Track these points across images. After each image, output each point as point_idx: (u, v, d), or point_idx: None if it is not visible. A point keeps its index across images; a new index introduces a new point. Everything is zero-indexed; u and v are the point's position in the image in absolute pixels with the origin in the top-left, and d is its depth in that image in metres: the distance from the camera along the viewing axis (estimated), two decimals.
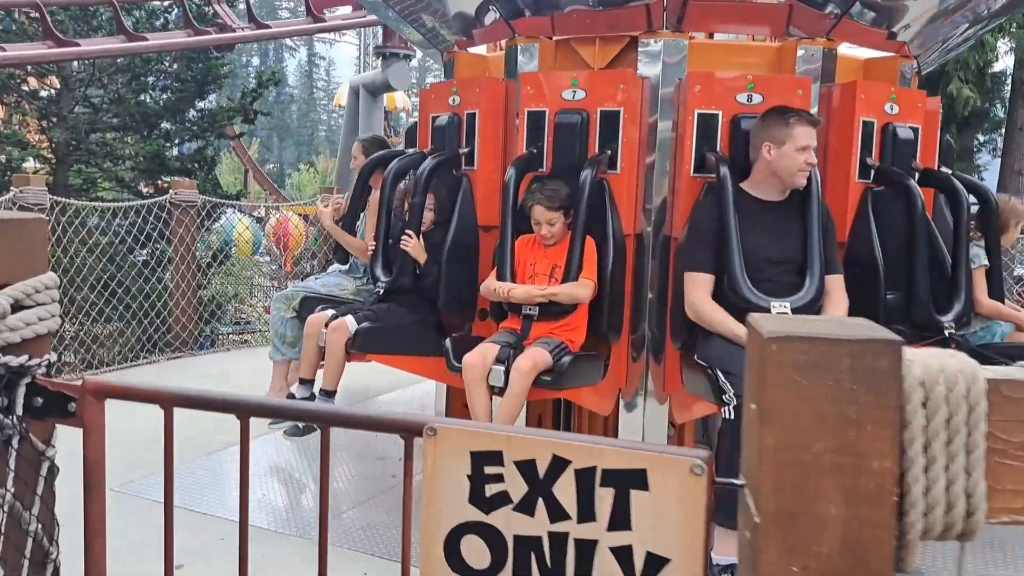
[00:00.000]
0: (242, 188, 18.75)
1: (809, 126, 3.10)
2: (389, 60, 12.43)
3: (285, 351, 4.58)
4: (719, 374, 2.93)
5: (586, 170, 3.39)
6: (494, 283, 3.43)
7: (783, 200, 3.24)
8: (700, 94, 3.42)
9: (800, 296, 3.08)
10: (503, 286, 3.36)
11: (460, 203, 3.87)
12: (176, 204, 6.63)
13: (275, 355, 4.63)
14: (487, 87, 3.86)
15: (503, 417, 3.14)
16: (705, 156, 3.41)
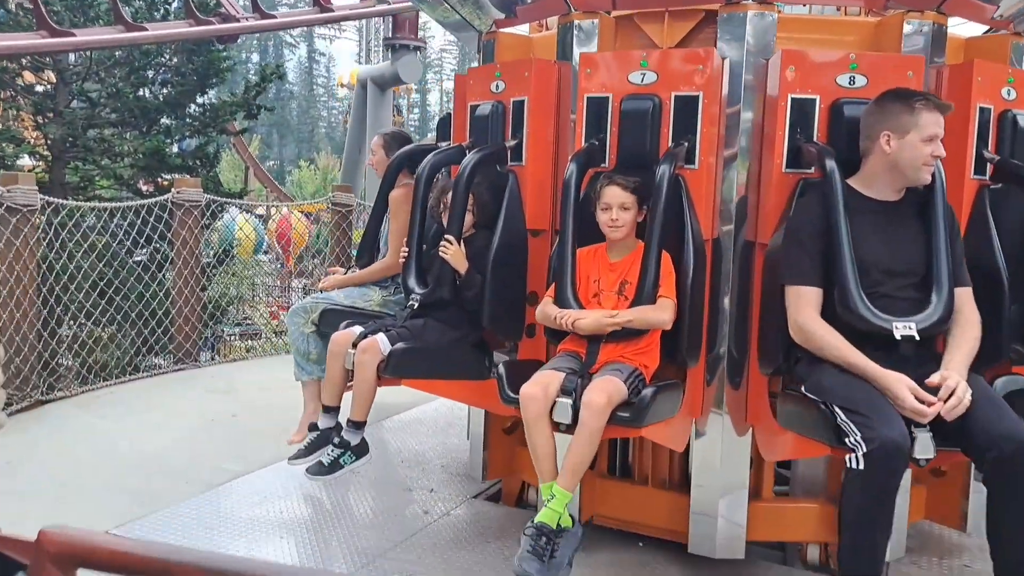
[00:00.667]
0: (243, 186, 18.27)
1: (937, 112, 2.60)
2: (399, 52, 11.92)
3: (311, 370, 4.09)
4: (838, 412, 2.44)
5: (663, 165, 2.89)
6: (553, 309, 2.92)
7: (899, 200, 2.74)
8: (794, 76, 2.93)
9: (927, 315, 2.58)
10: (566, 315, 2.85)
11: (507, 203, 3.37)
12: (179, 204, 6.13)
13: (301, 375, 4.14)
14: (539, 70, 3.37)
15: (575, 466, 2.65)
16: (801, 148, 2.91)
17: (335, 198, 7.25)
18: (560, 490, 2.68)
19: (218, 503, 3.91)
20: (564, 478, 2.68)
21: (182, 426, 5.05)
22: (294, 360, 4.16)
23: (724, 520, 3.25)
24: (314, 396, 4.14)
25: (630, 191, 2.91)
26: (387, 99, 12.85)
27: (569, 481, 2.68)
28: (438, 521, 3.78)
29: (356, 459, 3.35)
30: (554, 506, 2.67)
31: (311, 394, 4.15)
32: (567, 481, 2.68)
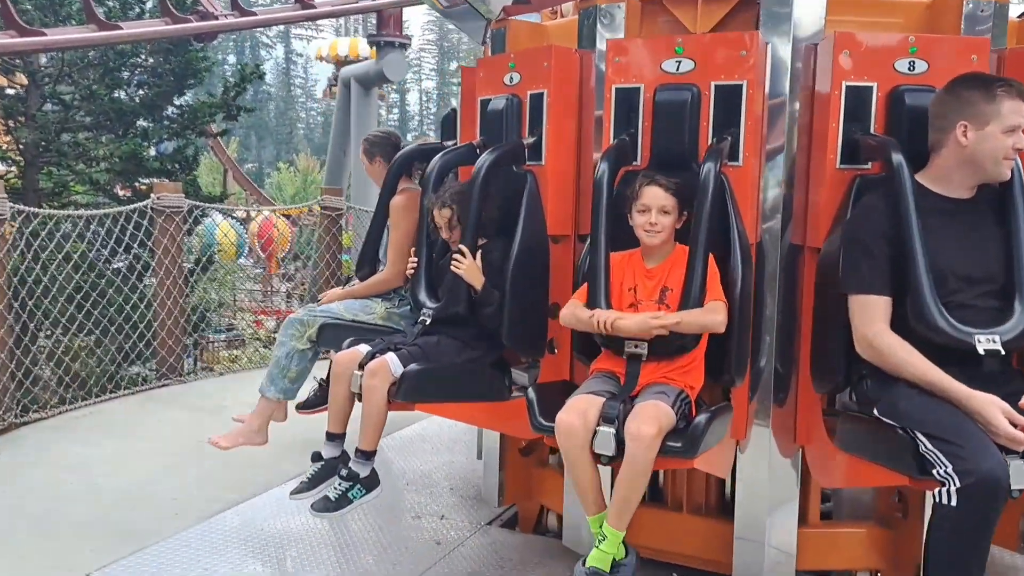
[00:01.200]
0: (222, 189, 17.82)
1: (1020, 100, 2.32)
2: (384, 50, 11.57)
3: (282, 388, 3.76)
4: (922, 439, 2.15)
5: (708, 163, 2.60)
6: (584, 312, 2.62)
7: (973, 198, 2.46)
8: (849, 62, 2.64)
9: (1011, 326, 2.30)
10: (603, 315, 2.54)
11: (526, 207, 3.07)
12: (159, 210, 5.76)
13: (268, 389, 3.79)
14: (559, 59, 3.06)
15: (625, 503, 2.37)
16: (858, 142, 2.63)
17: (324, 202, 6.90)
18: (611, 530, 2.40)
19: (211, 537, 3.59)
20: (614, 517, 2.40)
21: (169, 451, 4.70)
22: (268, 371, 3.83)
23: (771, 547, 2.97)
24: (265, 416, 3.81)
25: (671, 193, 2.61)
26: (372, 99, 12.48)
27: (620, 520, 2.40)
28: (453, 552, 3.47)
29: (366, 493, 3.03)
30: (606, 548, 2.39)
31: (263, 412, 3.81)
32: (618, 520, 2.40)
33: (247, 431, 3.87)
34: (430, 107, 77.53)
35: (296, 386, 3.89)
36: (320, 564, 3.34)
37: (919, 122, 2.58)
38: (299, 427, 4.09)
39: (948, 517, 2.02)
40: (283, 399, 3.90)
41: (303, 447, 4.60)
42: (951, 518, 2.02)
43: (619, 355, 2.61)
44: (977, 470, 1.98)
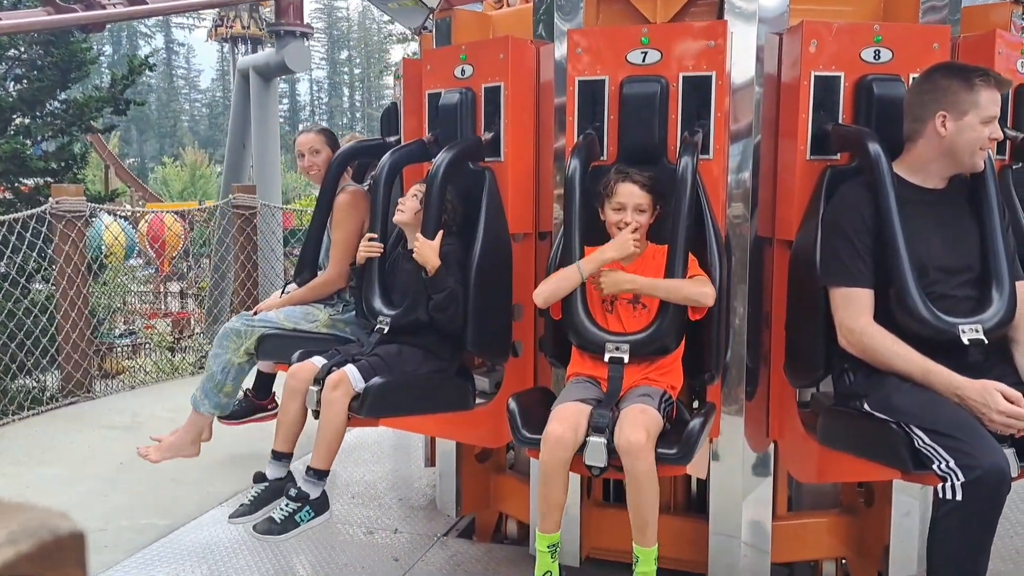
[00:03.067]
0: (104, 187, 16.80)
1: (997, 90, 2.33)
2: (284, 39, 11.08)
3: (217, 403, 3.51)
4: (918, 433, 2.14)
5: (685, 157, 2.52)
6: (564, 270, 2.54)
7: (946, 188, 2.46)
8: (817, 51, 2.61)
9: (991, 315, 2.31)
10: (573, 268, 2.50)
11: (486, 205, 2.93)
12: (58, 215, 5.29)
13: (201, 405, 3.53)
14: (516, 50, 2.92)
15: (644, 520, 2.30)
16: (832, 132, 2.60)
17: (236, 199, 6.53)
18: (641, 550, 2.33)
19: (148, 570, 3.31)
20: (638, 535, 2.32)
21: (88, 476, 4.33)
22: (201, 384, 3.57)
23: (746, 543, 2.94)
24: (196, 430, 3.57)
25: (647, 190, 2.53)
26: (272, 90, 11.95)
27: (644, 536, 2.32)
28: (413, 569, 3.31)
29: (315, 516, 2.81)
30: (644, 569, 2.32)
31: (195, 426, 3.57)
32: (642, 537, 2.32)
33: (178, 444, 3.61)
34: (322, 96, 75.77)
35: (231, 401, 3.64)
36: None
37: (886, 111, 2.58)
38: (226, 440, 3.83)
39: (955, 511, 2.01)
40: (217, 414, 3.64)
41: (233, 464, 4.36)
42: (958, 512, 2.01)
43: (597, 359, 2.51)
44: (981, 464, 1.98)
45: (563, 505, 2.38)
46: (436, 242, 2.80)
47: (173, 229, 17.25)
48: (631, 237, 2.47)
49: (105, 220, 11.98)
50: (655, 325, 2.49)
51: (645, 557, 2.32)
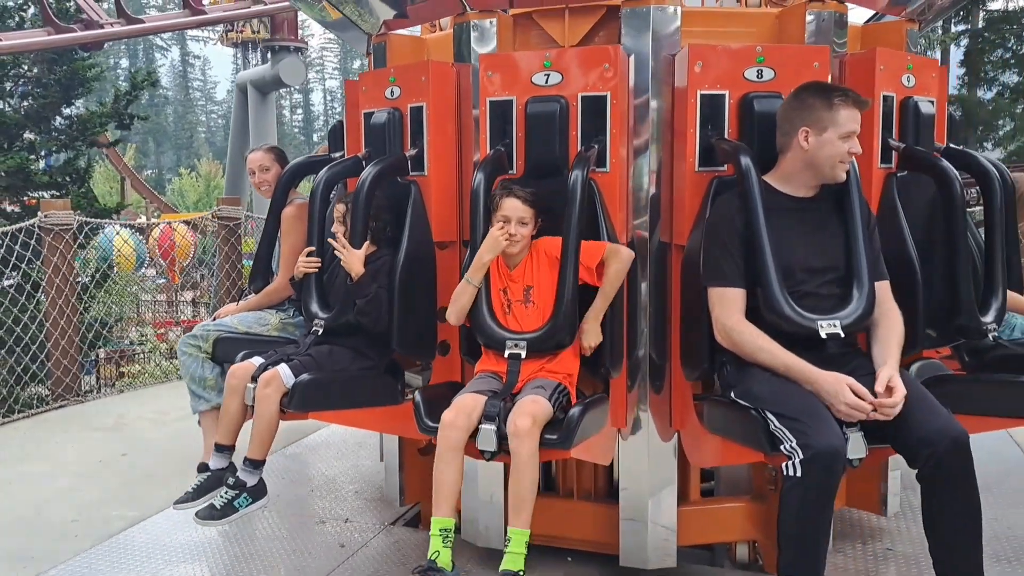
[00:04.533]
0: (119, 199, 17.24)
1: (856, 108, 2.55)
2: (279, 54, 11.43)
3: (210, 396, 3.75)
4: (771, 418, 2.36)
5: (576, 170, 2.76)
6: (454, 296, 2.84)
7: (815, 196, 2.69)
8: (702, 71, 2.84)
9: (850, 311, 2.53)
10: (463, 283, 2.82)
11: (411, 215, 3.17)
12: (47, 228, 5.60)
13: (198, 405, 3.78)
14: (437, 74, 3.17)
15: (521, 500, 2.50)
16: (714, 145, 2.83)
17: (221, 211, 6.83)
18: (515, 531, 2.53)
19: (113, 557, 3.57)
20: (513, 517, 2.54)
21: (67, 473, 4.61)
22: (189, 391, 3.83)
23: (654, 525, 3.16)
24: (214, 427, 3.82)
25: (529, 204, 2.78)
26: (269, 104, 12.31)
27: (519, 518, 2.53)
28: (357, 554, 3.55)
29: (253, 502, 3.07)
30: (514, 549, 2.52)
31: (210, 427, 3.82)
32: (516, 519, 2.53)
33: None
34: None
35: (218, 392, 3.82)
36: (227, 573, 3.37)
37: (767, 126, 2.80)
38: (199, 441, 4.09)
39: (795, 486, 2.24)
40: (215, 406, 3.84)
41: None
42: (798, 487, 2.23)
43: (499, 355, 2.76)
44: (816, 443, 2.20)
45: (457, 491, 2.60)
46: (361, 252, 3.05)
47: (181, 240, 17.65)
48: (500, 234, 2.73)
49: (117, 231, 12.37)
50: (550, 324, 2.73)
51: (517, 538, 2.53)
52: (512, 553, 2.51)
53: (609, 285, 2.78)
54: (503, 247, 2.75)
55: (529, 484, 2.50)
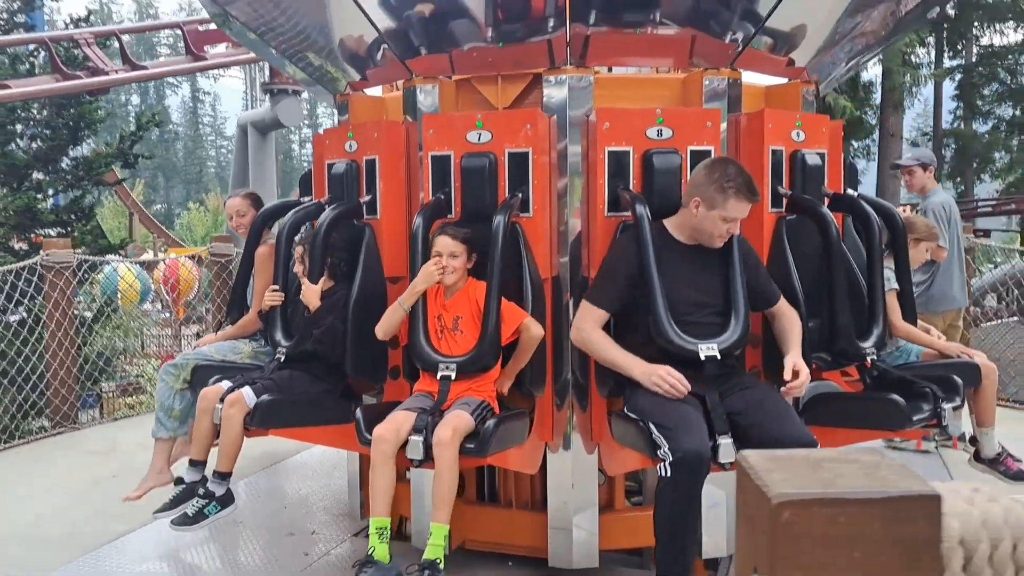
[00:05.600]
0: (126, 236, 17.78)
1: (746, 202, 2.97)
2: (278, 96, 12.00)
3: (171, 426, 4.17)
4: (652, 427, 2.77)
5: (498, 216, 3.20)
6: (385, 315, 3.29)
7: (701, 244, 3.12)
8: (609, 130, 3.29)
9: (726, 337, 2.96)
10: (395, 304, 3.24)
11: (364, 255, 3.61)
12: (48, 266, 6.07)
13: (159, 431, 4.20)
14: (386, 131, 3.63)
15: (440, 499, 2.90)
16: (619, 194, 3.27)
17: (214, 248, 7.29)
18: (436, 526, 2.92)
19: (100, 565, 3.95)
20: (435, 513, 2.92)
21: (62, 492, 5.01)
22: (156, 416, 4.25)
23: (578, 531, 3.55)
24: (164, 455, 4.20)
25: (459, 240, 3.21)
26: (269, 144, 12.86)
27: (441, 514, 2.91)
28: (318, 561, 3.94)
29: (221, 509, 3.48)
30: (435, 542, 2.90)
31: (162, 452, 4.21)
32: (439, 515, 2.92)
33: (152, 474, 4.24)
34: None
35: (181, 423, 4.29)
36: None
37: (666, 178, 3.25)
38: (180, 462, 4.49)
39: (666, 486, 2.64)
40: (174, 436, 4.29)
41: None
42: (668, 487, 2.63)
43: (433, 376, 3.17)
44: (683, 448, 2.61)
45: (390, 495, 3.00)
46: (317, 287, 3.49)
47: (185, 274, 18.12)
48: (433, 268, 3.16)
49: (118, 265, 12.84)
50: (476, 349, 3.15)
51: (437, 532, 2.92)
52: (433, 545, 2.90)
53: (523, 352, 3.23)
54: (436, 279, 3.17)
55: (448, 486, 2.89)
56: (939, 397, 3.16)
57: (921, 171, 5.51)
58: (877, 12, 3.87)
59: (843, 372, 3.78)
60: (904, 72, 20.93)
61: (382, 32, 3.54)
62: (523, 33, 3.50)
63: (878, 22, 3.96)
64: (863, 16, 3.84)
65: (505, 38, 3.49)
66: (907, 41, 20.15)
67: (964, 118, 26.27)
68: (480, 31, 3.48)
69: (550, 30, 3.41)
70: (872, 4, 3.75)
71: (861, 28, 3.94)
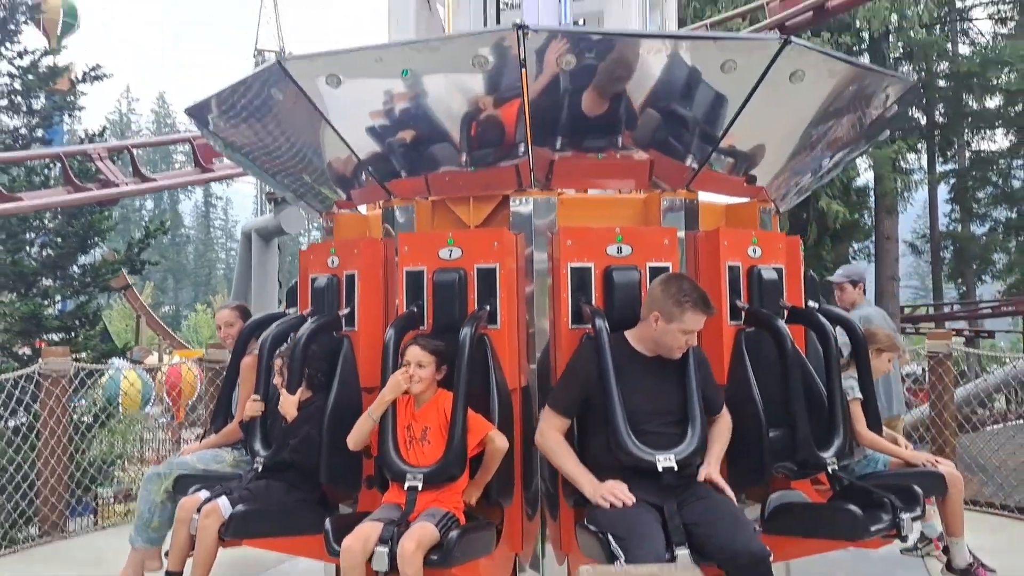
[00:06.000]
0: (133, 337, 18.04)
1: (702, 314, 3.15)
2: (281, 205, 12.41)
3: (148, 538, 4.22)
4: (610, 538, 2.84)
5: (465, 327, 3.35)
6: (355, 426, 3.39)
7: (660, 355, 3.26)
8: (572, 248, 3.48)
9: (684, 447, 3.07)
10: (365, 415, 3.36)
11: (341, 366, 3.75)
12: (45, 374, 6.21)
13: (135, 540, 4.26)
14: (365, 248, 3.83)
15: None
16: (581, 308, 3.43)
17: (209, 355, 7.44)
18: None
19: None
20: None
21: None
22: (134, 523, 4.30)
23: None
24: (137, 565, 4.24)
25: (428, 351, 3.35)
26: (272, 251, 13.20)
27: None
28: None
29: None
30: None
31: (134, 562, 4.25)
32: None
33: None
34: None
35: (160, 534, 4.34)
36: None
37: (626, 292, 3.42)
38: None
39: None
40: (151, 547, 4.33)
41: None
42: None
43: (401, 487, 3.26)
44: (637, 559, 2.67)
45: None
46: (295, 398, 3.62)
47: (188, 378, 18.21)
48: (401, 377, 3.28)
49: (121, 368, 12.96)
50: (442, 460, 3.25)
51: None
52: None
53: (489, 464, 3.33)
54: (403, 387, 3.30)
55: None
56: (897, 507, 3.22)
57: (851, 287, 5.71)
58: (837, 128, 4.06)
59: (815, 480, 3.84)
60: (895, 178, 21.45)
61: (362, 159, 3.79)
62: (493, 158, 3.74)
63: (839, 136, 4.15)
64: (823, 133, 4.05)
65: (477, 162, 3.73)
66: (896, 147, 20.74)
67: (961, 220, 26.71)
68: (454, 156, 3.72)
69: (519, 155, 3.65)
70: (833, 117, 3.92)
71: (822, 143, 4.14)
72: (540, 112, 3.44)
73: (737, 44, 3.44)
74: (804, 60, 3.33)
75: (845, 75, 3.57)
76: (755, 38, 4.03)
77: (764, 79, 3.30)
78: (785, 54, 3.22)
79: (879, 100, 3.97)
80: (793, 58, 3.26)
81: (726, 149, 3.73)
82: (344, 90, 3.51)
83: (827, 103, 3.66)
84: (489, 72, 3.36)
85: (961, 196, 25.43)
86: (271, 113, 3.86)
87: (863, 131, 4.21)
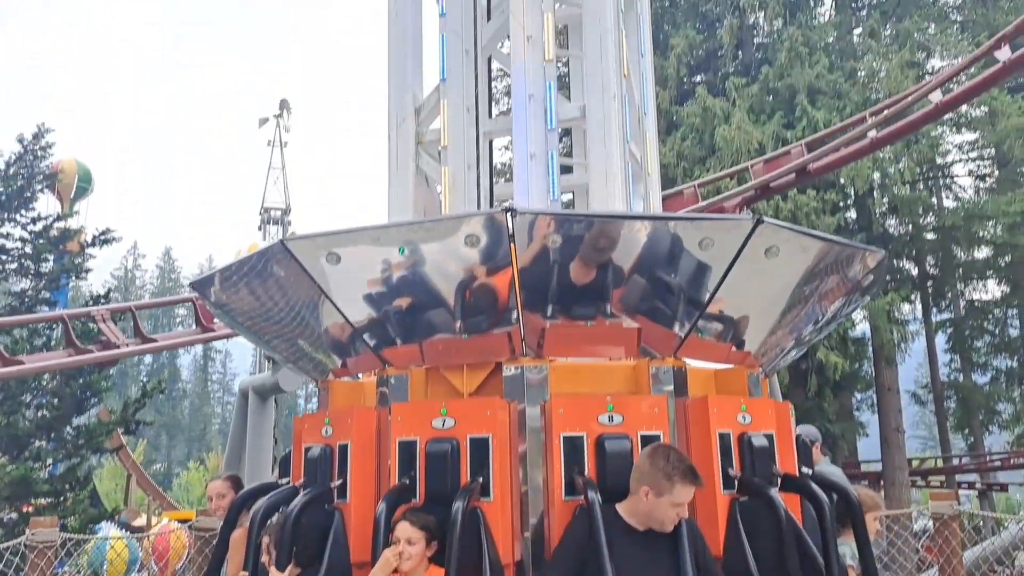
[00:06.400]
0: (119, 504, 17.61)
1: (691, 486, 3.19)
2: (278, 364, 12.48)
3: None
4: None
5: (457, 501, 3.34)
6: None
7: (651, 529, 3.25)
8: (563, 416, 3.53)
9: None
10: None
11: (332, 541, 3.70)
12: (32, 546, 6.07)
13: None
14: (359, 418, 3.88)
15: None
16: (574, 479, 3.43)
17: (198, 523, 7.28)
18: None
19: None
20: None
21: None
22: None
23: None
24: None
25: (418, 527, 3.33)
26: (268, 409, 13.15)
27: None
28: None
29: None
30: None
31: None
32: None
33: None
34: None
35: None
36: None
37: (618, 462, 3.44)
38: None
39: None
40: None
41: None
42: None
43: None
44: None
45: None
46: (284, 575, 3.55)
47: (176, 546, 17.64)
48: (391, 555, 3.24)
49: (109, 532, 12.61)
50: None
51: None
52: None
53: None
54: (393, 565, 3.25)
55: None
56: None
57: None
58: (818, 295, 4.19)
59: None
60: (891, 328, 21.64)
61: (356, 327, 3.90)
62: (487, 324, 3.86)
63: (821, 303, 4.27)
64: (806, 300, 4.17)
65: (470, 329, 3.84)
66: (890, 299, 21.04)
67: (962, 370, 26.68)
68: (449, 323, 3.83)
69: (512, 322, 3.76)
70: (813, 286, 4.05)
71: (806, 309, 4.26)
72: (530, 282, 3.59)
73: (712, 224, 3.63)
74: (777, 237, 3.51)
75: (819, 249, 3.74)
76: (729, 218, 4.28)
77: (741, 255, 3.46)
78: (759, 232, 3.40)
79: (856, 269, 4.13)
80: (767, 236, 3.44)
81: (711, 315, 3.85)
82: (343, 267, 3.66)
83: (805, 276, 3.81)
84: (481, 249, 3.52)
85: (960, 345, 25.53)
86: (272, 287, 4.00)
87: (845, 298, 4.35)
